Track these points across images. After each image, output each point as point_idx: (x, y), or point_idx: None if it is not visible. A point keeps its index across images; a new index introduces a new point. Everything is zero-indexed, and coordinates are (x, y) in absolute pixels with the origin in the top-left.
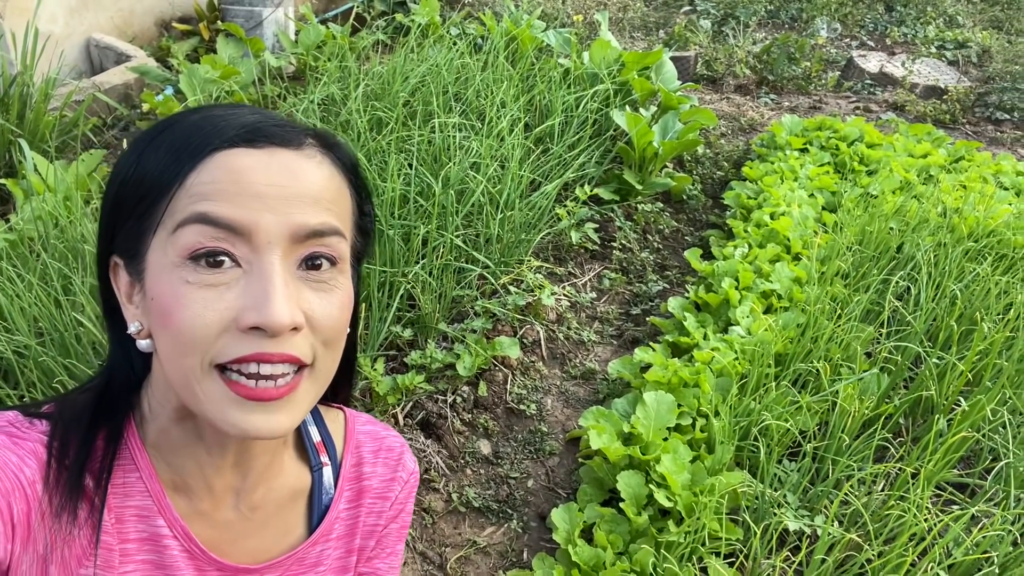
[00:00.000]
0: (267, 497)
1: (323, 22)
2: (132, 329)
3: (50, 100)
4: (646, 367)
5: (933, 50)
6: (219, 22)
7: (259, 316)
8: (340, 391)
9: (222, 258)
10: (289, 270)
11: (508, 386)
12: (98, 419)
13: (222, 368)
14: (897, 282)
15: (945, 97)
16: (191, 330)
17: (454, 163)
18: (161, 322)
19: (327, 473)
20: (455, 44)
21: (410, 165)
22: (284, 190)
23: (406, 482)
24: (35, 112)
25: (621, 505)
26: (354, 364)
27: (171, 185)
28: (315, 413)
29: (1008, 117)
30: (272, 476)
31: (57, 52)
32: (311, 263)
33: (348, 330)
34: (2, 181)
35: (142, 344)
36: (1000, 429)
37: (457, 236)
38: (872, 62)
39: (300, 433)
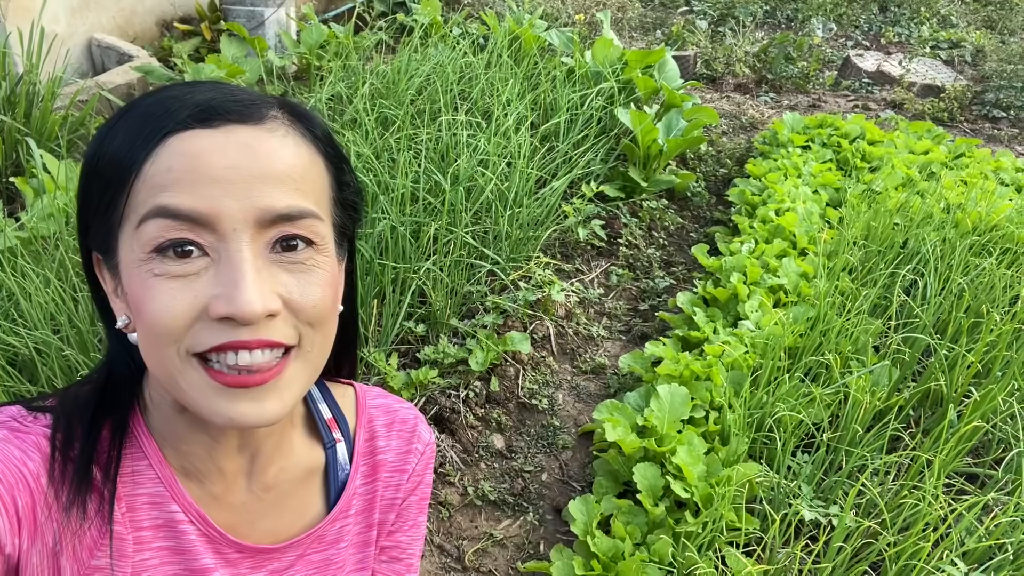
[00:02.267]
0: (280, 477)
1: (324, 22)
2: (120, 323)
3: (56, 99)
4: (657, 361)
5: (927, 50)
6: (220, 22)
7: (228, 306)
8: (343, 367)
9: (189, 248)
10: (261, 254)
11: (520, 381)
12: (102, 411)
13: (203, 358)
14: (904, 276)
15: (943, 95)
16: (161, 321)
17: (462, 161)
18: (136, 316)
19: (341, 449)
20: (458, 43)
21: (419, 162)
22: (244, 172)
23: (422, 453)
24: (42, 111)
25: (638, 496)
26: (356, 340)
27: (128, 176)
28: (324, 390)
29: (1004, 115)
30: (282, 456)
31: (61, 53)
32: (285, 244)
33: (340, 308)
34: (11, 179)
35: (132, 337)
36: (1010, 420)
37: (467, 232)
38: (869, 61)
39: (310, 411)
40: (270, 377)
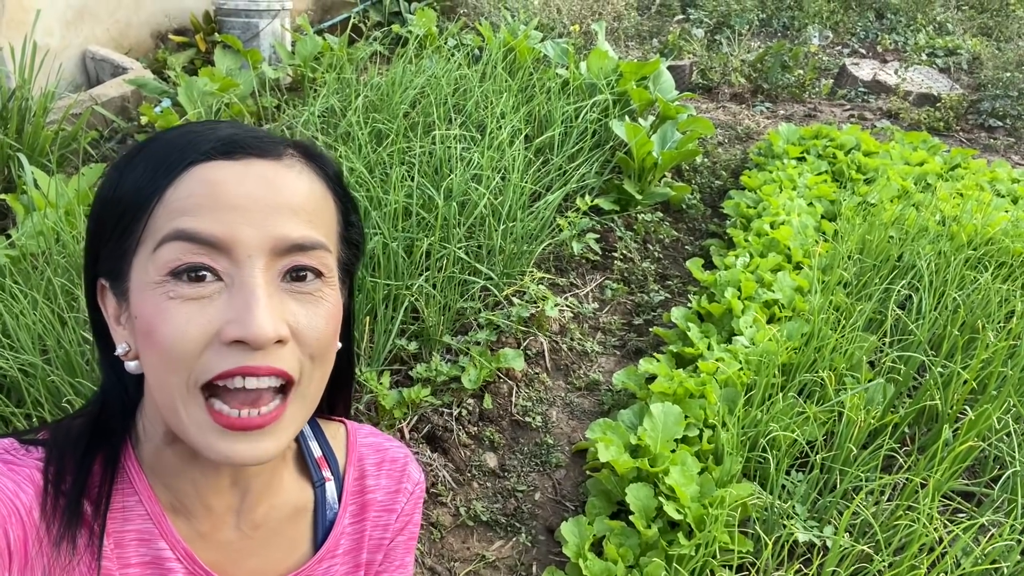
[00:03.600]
0: (269, 515)
1: (319, 32)
2: (120, 350)
3: (48, 113)
4: (651, 378)
5: (924, 57)
6: (215, 34)
7: (242, 329)
8: (337, 405)
9: (203, 273)
10: (273, 282)
11: (513, 398)
12: (94, 444)
13: (207, 392)
14: (899, 291)
15: (938, 104)
16: (173, 345)
17: (456, 175)
18: (145, 339)
19: (330, 488)
20: (453, 55)
21: (412, 177)
22: (262, 202)
23: (411, 493)
24: (34, 126)
25: (631, 518)
26: (351, 379)
27: (149, 201)
28: (315, 428)
29: (1001, 124)
30: (272, 494)
31: (55, 66)
32: (296, 274)
33: (339, 344)
34: (1, 196)
35: (130, 365)
36: (1005, 438)
37: (460, 248)
38: (865, 70)
39: (300, 448)
40: (270, 420)
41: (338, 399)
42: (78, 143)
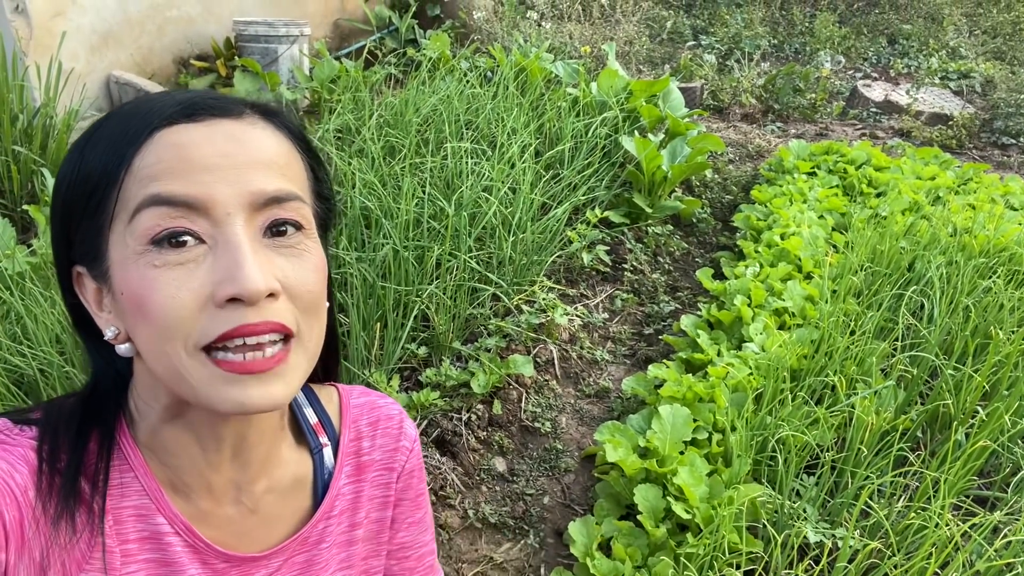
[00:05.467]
0: (269, 488)
1: (337, 59)
2: (109, 335)
3: (72, 132)
4: (660, 384)
5: (937, 80)
6: (235, 59)
7: (234, 286)
8: (329, 368)
9: (184, 237)
10: (255, 238)
11: (522, 404)
12: (87, 422)
13: (207, 350)
14: (911, 298)
15: (951, 123)
16: (167, 313)
17: (467, 187)
18: (136, 313)
19: (327, 454)
20: (465, 76)
21: (423, 189)
22: (234, 159)
23: (410, 451)
24: (57, 143)
25: (639, 518)
26: (337, 339)
27: (117, 173)
28: (309, 394)
29: (1014, 142)
30: (272, 466)
31: (78, 87)
32: (276, 230)
33: (327, 301)
34: (25, 207)
35: (121, 349)
36: (1020, 441)
37: (470, 257)
38: (877, 91)
39: (296, 418)
40: (275, 363)
41: (330, 362)
42: None
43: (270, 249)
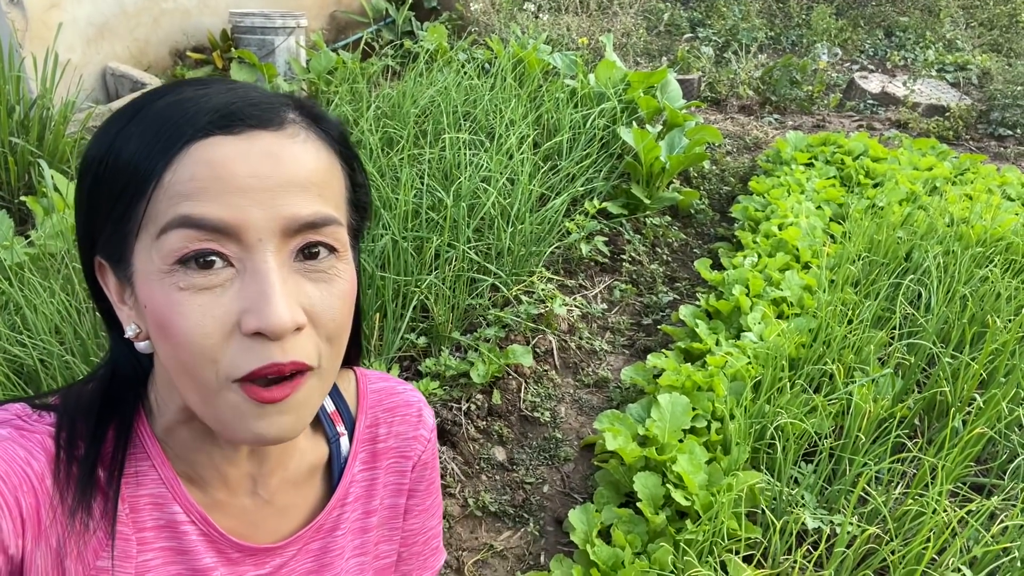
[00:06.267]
0: (285, 480)
1: (333, 50)
2: (129, 333)
3: (69, 124)
4: (659, 373)
5: (934, 73)
6: (232, 51)
7: (260, 321)
8: (350, 359)
9: (212, 258)
10: (285, 263)
11: (522, 394)
12: (107, 412)
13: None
14: (908, 287)
15: (947, 114)
16: (193, 341)
17: (465, 178)
18: (160, 333)
19: (344, 443)
20: (463, 67)
21: (422, 180)
22: (268, 180)
23: (428, 441)
24: (54, 134)
25: (638, 505)
26: (360, 330)
27: (147, 184)
28: None
29: (1011, 133)
30: (288, 458)
31: (75, 79)
32: (308, 251)
33: (351, 322)
34: (23, 198)
35: (140, 346)
36: (1016, 428)
37: (469, 248)
38: (874, 83)
39: None
40: (289, 392)
41: (351, 352)
42: None
43: (300, 274)
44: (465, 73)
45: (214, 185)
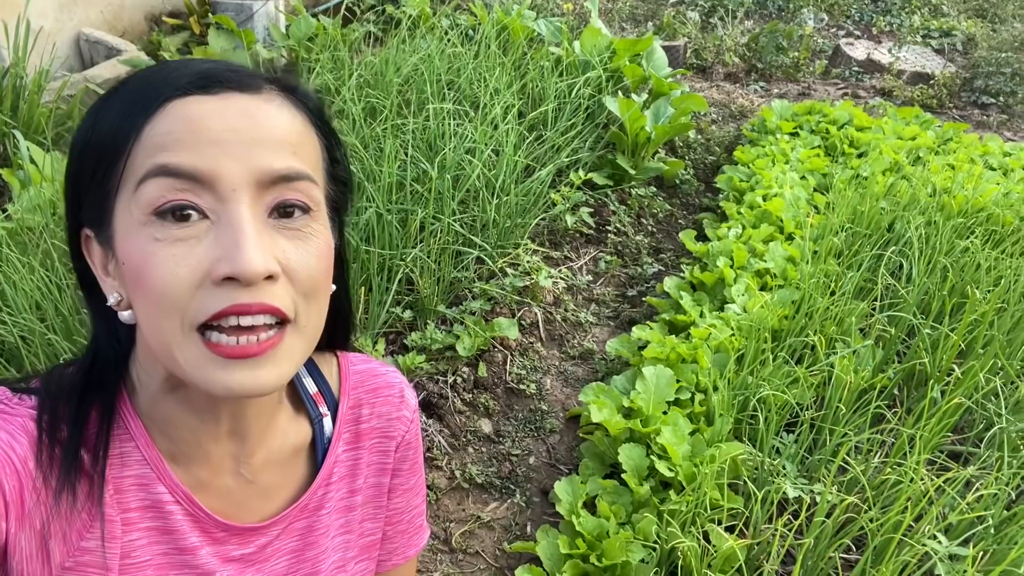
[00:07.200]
0: (268, 459)
1: (313, 15)
2: (111, 301)
3: (43, 93)
4: (644, 345)
5: (919, 39)
6: (209, 16)
7: (231, 265)
8: (335, 343)
9: (188, 211)
10: (260, 218)
11: (507, 367)
12: (89, 394)
13: (202, 330)
14: (890, 258)
15: (932, 82)
16: (165, 288)
17: (449, 149)
18: (135, 285)
19: (327, 424)
20: (447, 34)
21: (406, 152)
22: (243, 134)
23: (411, 421)
24: (28, 104)
25: (623, 476)
26: (349, 317)
27: (127, 141)
28: (309, 364)
29: (994, 101)
30: (271, 437)
31: (48, 47)
32: (283, 211)
33: (332, 286)
34: None
35: (124, 315)
36: (993, 398)
37: (454, 220)
38: (859, 50)
39: (295, 389)
40: (268, 348)
41: (337, 339)
42: (73, 121)
43: (275, 231)
44: (449, 40)
45: (190, 137)
